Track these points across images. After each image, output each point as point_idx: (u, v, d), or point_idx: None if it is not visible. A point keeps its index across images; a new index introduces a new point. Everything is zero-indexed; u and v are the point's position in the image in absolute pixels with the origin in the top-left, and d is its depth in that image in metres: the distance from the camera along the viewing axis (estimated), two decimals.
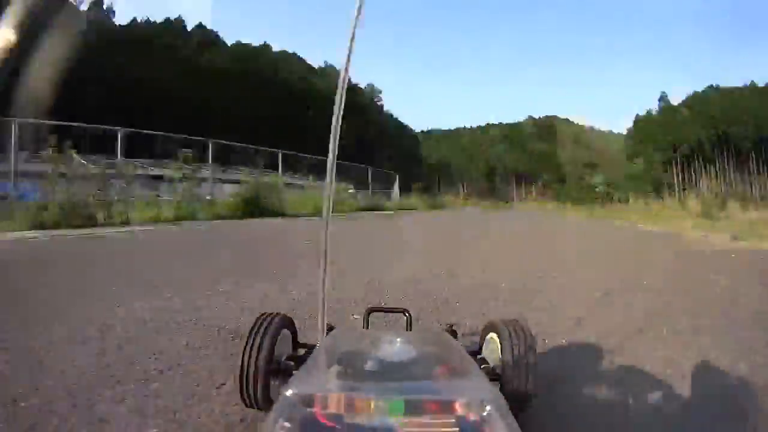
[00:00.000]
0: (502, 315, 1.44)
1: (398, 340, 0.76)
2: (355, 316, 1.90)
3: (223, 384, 1.18)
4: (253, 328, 0.88)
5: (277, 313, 0.95)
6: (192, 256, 4.26)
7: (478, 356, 0.97)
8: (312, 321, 1.65)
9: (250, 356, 0.83)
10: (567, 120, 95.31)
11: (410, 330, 1.10)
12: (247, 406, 0.88)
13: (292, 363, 0.88)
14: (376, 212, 15.72)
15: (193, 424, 0.97)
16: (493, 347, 0.94)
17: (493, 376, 0.86)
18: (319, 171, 15.50)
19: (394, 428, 0.43)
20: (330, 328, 0.90)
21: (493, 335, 0.95)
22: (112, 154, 10.23)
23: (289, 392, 0.45)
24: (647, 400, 1.18)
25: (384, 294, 2.41)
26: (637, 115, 73.13)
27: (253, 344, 0.85)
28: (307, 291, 2.34)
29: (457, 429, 0.43)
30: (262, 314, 0.94)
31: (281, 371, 0.87)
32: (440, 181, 73.23)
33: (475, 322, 1.75)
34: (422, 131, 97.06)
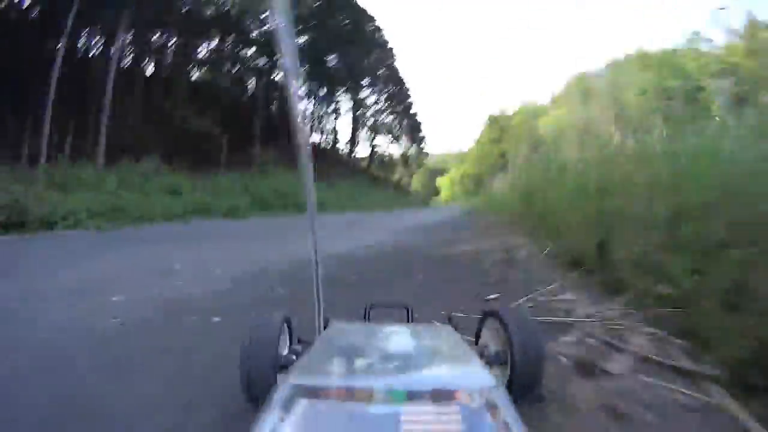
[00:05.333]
0: None
1: (398, 331, 0.77)
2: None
3: None
4: (252, 328, 0.88)
5: (274, 313, 0.95)
6: None
7: (477, 345, 0.96)
8: None
9: (253, 355, 0.83)
10: None
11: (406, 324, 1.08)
12: (253, 403, 0.86)
13: (294, 357, 0.88)
14: None
15: None
16: (492, 334, 0.93)
17: (498, 360, 0.85)
18: None
19: (396, 418, 0.43)
20: (327, 323, 0.91)
21: (492, 320, 0.93)
22: None
23: (288, 383, 0.45)
24: None
25: None
26: None
27: (254, 343, 0.85)
28: None
29: (459, 417, 0.43)
30: (261, 315, 0.94)
31: (284, 366, 0.87)
32: None
33: None
34: None
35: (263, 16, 16.88)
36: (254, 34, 18.61)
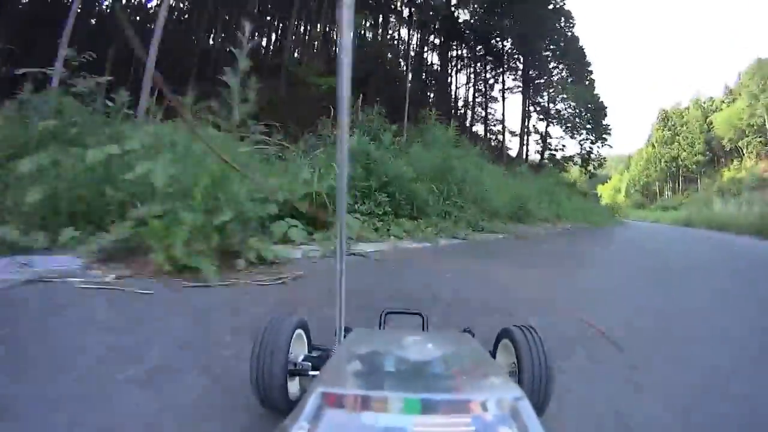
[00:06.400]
0: None
1: (418, 340, 0.76)
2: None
3: None
4: (265, 329, 0.87)
5: (289, 315, 0.94)
6: None
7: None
8: None
9: (264, 357, 0.82)
10: None
11: (426, 332, 1.08)
12: (263, 406, 0.87)
13: (309, 364, 0.88)
14: None
15: None
16: (507, 354, 0.90)
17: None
18: None
19: (410, 427, 0.43)
20: (347, 330, 0.88)
21: (506, 341, 0.90)
22: None
23: (312, 391, 0.47)
24: None
25: None
26: None
27: (266, 345, 0.84)
28: None
29: (474, 429, 0.43)
30: (275, 316, 0.92)
31: (297, 372, 0.87)
32: None
33: None
34: None
35: None
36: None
